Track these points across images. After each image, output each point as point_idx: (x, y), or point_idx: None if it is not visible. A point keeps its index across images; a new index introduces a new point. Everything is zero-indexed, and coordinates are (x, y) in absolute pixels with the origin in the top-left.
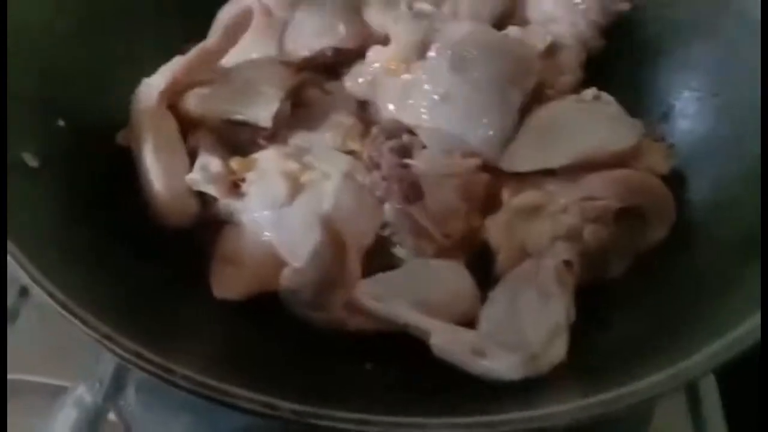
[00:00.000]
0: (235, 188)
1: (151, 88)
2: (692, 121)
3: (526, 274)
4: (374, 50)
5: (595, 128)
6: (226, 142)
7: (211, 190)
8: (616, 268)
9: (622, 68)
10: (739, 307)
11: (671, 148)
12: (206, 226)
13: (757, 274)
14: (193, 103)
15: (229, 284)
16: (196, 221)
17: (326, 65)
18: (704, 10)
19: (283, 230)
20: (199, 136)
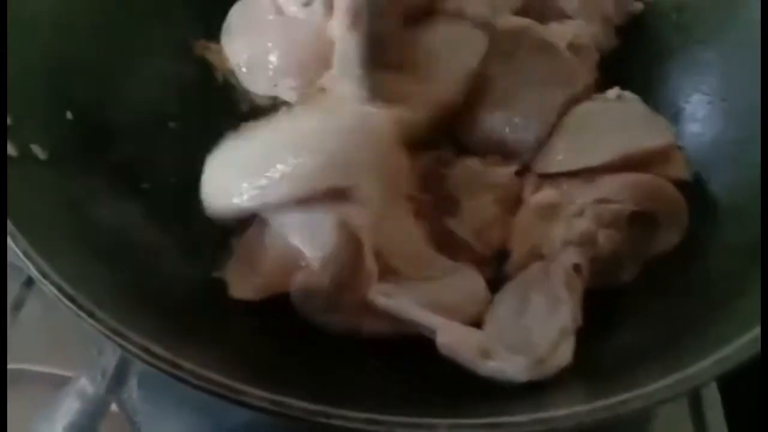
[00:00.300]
0: None
1: None
2: (702, 124)
3: (534, 276)
4: None
5: (629, 126)
6: None
7: None
8: (627, 273)
9: (631, 70)
10: (747, 313)
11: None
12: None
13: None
14: None
15: (247, 285)
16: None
17: None
18: (712, 14)
19: (308, 232)
20: None
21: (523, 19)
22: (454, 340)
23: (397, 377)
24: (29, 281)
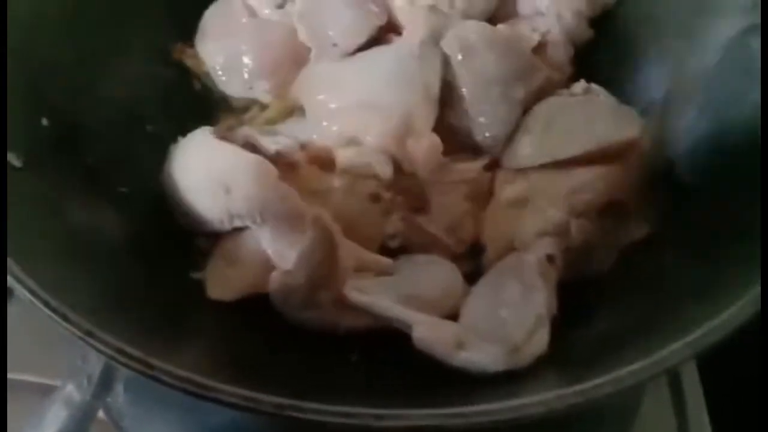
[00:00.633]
0: None
1: None
2: (674, 116)
3: (509, 267)
4: None
5: (597, 120)
6: None
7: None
8: (600, 263)
9: (603, 63)
10: (721, 297)
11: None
12: None
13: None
14: None
15: (225, 285)
16: None
17: None
18: (682, 8)
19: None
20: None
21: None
22: (429, 334)
23: (375, 371)
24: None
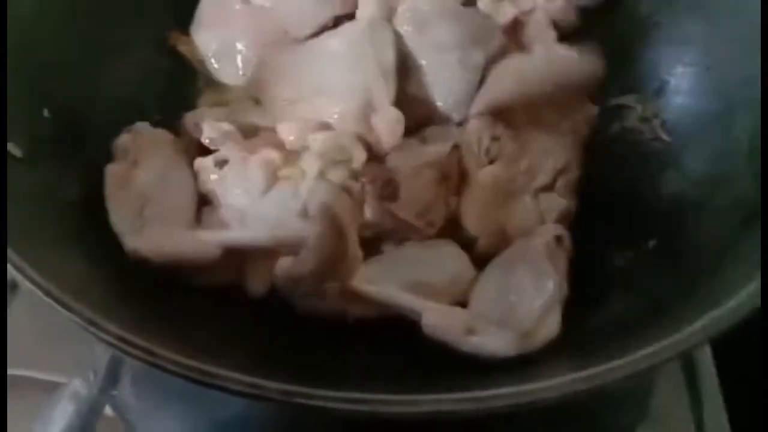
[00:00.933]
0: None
1: None
2: (686, 96)
3: (517, 253)
4: None
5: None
6: None
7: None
8: None
9: (614, 42)
10: (733, 279)
11: (664, 124)
12: None
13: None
14: None
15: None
16: None
17: None
18: None
19: (251, 221)
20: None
21: None
22: (439, 321)
23: (382, 358)
24: (14, 285)
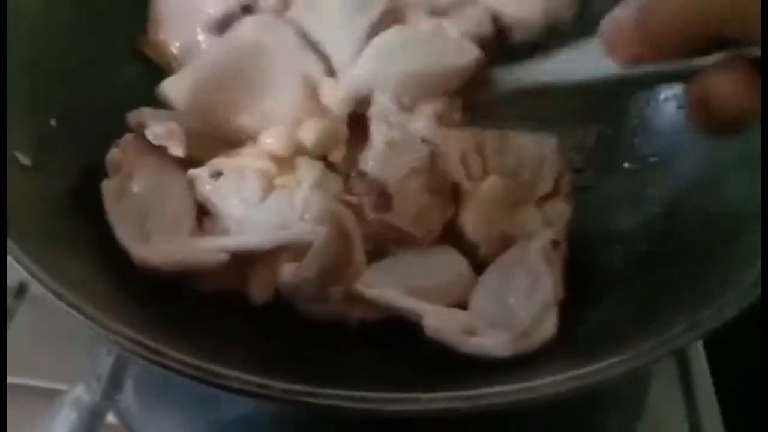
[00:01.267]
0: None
1: None
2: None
3: (515, 257)
4: None
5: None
6: None
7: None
8: None
9: None
10: (723, 280)
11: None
12: None
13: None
14: None
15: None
16: None
17: None
18: None
19: (250, 229)
20: None
21: None
22: (440, 322)
23: (384, 359)
24: (18, 293)
